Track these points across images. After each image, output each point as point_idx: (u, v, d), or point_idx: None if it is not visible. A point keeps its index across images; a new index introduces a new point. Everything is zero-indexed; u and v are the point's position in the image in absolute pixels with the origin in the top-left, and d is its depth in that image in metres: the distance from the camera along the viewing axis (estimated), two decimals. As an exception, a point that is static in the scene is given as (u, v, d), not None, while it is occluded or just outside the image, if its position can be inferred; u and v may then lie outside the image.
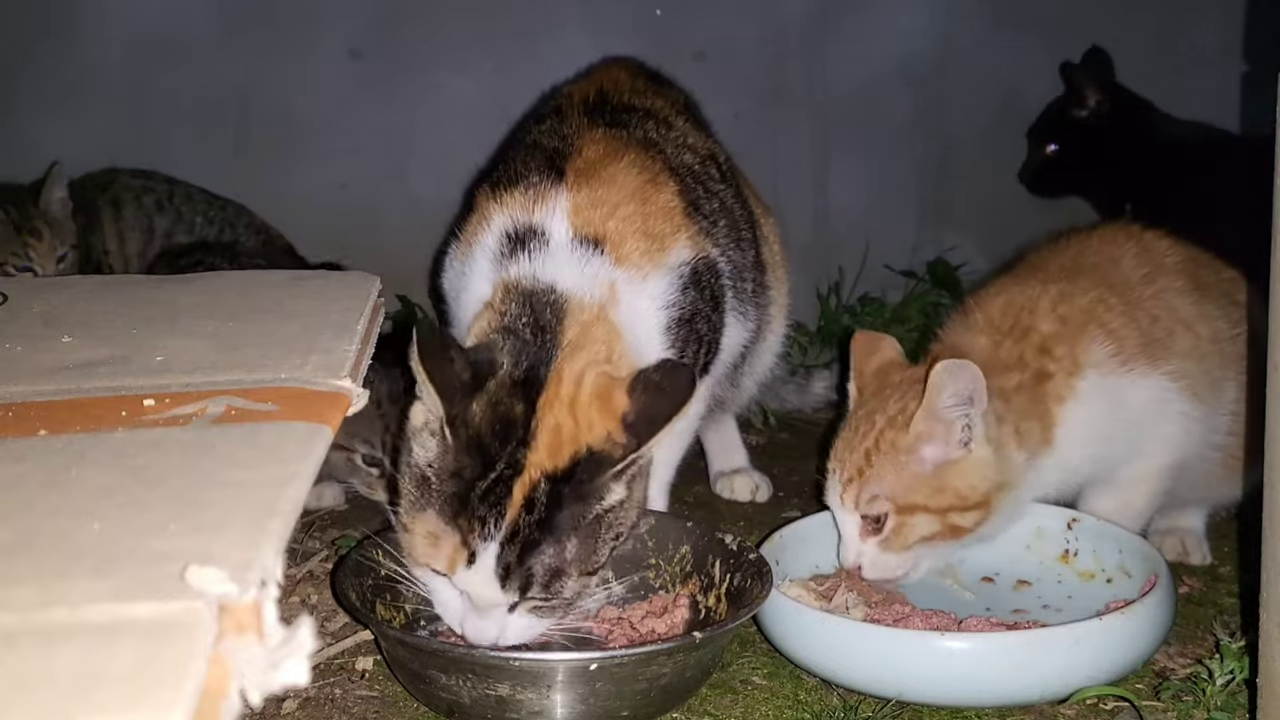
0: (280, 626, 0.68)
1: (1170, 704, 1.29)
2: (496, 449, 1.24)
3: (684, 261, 1.46)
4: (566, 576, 1.25)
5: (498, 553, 1.22)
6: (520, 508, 1.22)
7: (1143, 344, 1.51)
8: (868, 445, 1.46)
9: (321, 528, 1.76)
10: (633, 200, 1.44)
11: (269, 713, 1.29)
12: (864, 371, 1.56)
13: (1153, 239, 1.66)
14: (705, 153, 1.67)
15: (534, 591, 1.24)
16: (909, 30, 2.67)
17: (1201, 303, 1.59)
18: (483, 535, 1.22)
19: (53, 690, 0.61)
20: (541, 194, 1.43)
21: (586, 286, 1.36)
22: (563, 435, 1.25)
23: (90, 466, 0.94)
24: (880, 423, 1.46)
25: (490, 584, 1.24)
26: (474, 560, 1.23)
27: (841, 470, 1.48)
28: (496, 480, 1.23)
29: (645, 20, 2.62)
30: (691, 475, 1.89)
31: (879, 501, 1.44)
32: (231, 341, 1.27)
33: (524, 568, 1.23)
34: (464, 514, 1.23)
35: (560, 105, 1.67)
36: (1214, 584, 1.62)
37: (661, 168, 1.52)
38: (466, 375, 1.26)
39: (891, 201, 2.75)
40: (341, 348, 1.24)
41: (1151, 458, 1.54)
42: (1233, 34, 2.56)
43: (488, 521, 1.22)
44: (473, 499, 1.23)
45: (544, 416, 1.25)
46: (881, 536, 1.45)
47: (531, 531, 1.23)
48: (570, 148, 1.50)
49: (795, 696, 1.34)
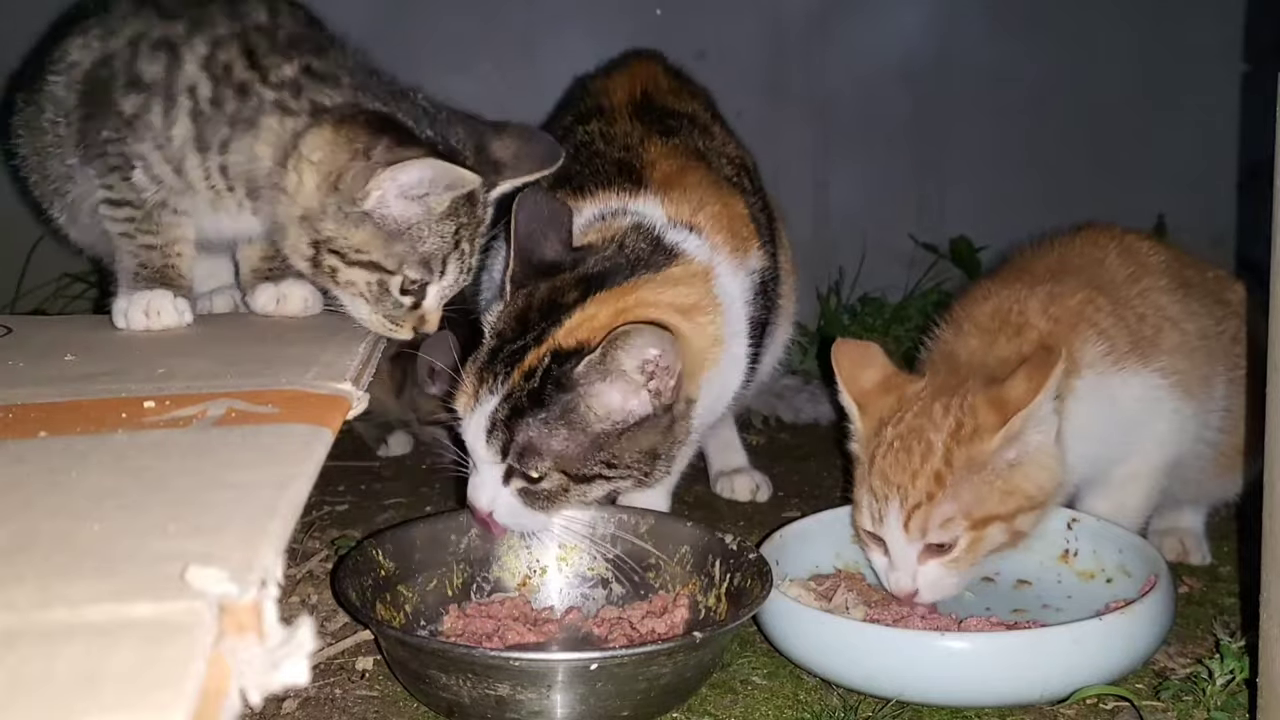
0: (280, 626, 0.68)
1: (1170, 704, 1.29)
2: (535, 320, 1.36)
3: (757, 269, 1.54)
4: (541, 459, 1.33)
5: (493, 408, 1.33)
6: (522, 373, 1.32)
7: (1133, 343, 1.51)
8: (935, 466, 1.37)
9: (321, 528, 1.76)
10: (717, 202, 1.51)
11: (269, 713, 1.29)
12: (859, 384, 1.49)
13: (1134, 240, 1.67)
14: (739, 162, 1.70)
15: (511, 458, 1.33)
16: (909, 30, 2.67)
17: (1187, 300, 1.59)
18: (490, 388, 1.34)
19: (53, 690, 0.61)
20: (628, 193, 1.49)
21: (694, 249, 1.44)
22: (586, 324, 1.33)
23: (91, 468, 0.94)
24: (941, 439, 1.38)
25: (479, 435, 1.35)
26: (475, 408, 1.35)
27: (903, 498, 1.38)
28: (522, 347, 1.34)
29: (645, 20, 2.62)
30: (691, 475, 1.89)
31: (953, 524, 1.38)
32: (234, 358, 1.31)
33: (507, 429, 1.33)
34: (488, 367, 1.36)
35: (602, 105, 1.69)
36: (1214, 584, 1.62)
37: (719, 178, 1.58)
38: (551, 255, 1.39)
39: (891, 201, 2.75)
40: (343, 361, 1.26)
41: (1145, 456, 1.54)
42: (1233, 34, 2.56)
43: (498, 377, 1.34)
44: (499, 356, 1.36)
45: (589, 307, 1.34)
46: (951, 556, 1.40)
47: (521, 399, 1.32)
48: (636, 160, 1.54)
49: (795, 696, 1.34)
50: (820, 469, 2.07)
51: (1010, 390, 1.38)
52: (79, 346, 1.36)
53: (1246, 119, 2.53)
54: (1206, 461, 1.60)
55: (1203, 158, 2.64)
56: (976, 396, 1.39)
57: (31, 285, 2.42)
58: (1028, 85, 2.69)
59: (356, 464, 2.03)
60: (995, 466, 1.38)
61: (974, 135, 2.74)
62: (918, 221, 2.74)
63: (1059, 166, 2.73)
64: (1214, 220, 2.57)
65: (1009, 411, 1.36)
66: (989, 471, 1.38)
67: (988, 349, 1.48)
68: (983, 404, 1.39)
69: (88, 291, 2.41)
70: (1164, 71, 2.65)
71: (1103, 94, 2.69)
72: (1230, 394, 1.58)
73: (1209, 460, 1.60)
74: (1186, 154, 2.66)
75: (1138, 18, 2.67)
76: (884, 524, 1.41)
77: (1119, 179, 2.68)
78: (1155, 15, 2.67)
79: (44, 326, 1.61)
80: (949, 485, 1.37)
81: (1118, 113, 2.69)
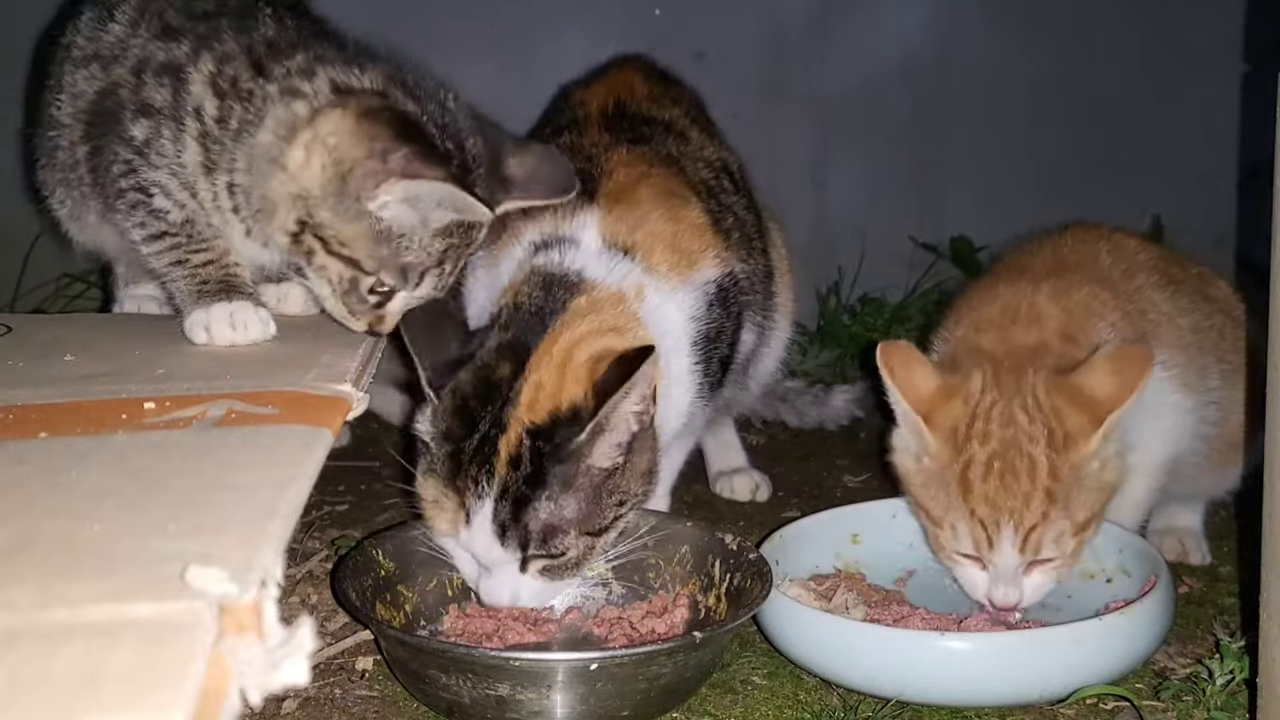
0: (280, 626, 0.68)
1: (1170, 704, 1.29)
2: (480, 409, 1.30)
3: (711, 280, 1.48)
4: (564, 534, 1.29)
5: (492, 510, 1.28)
6: (507, 464, 1.28)
7: (1138, 336, 1.51)
8: (1044, 484, 1.34)
9: (321, 528, 1.76)
10: (663, 218, 1.47)
11: (269, 713, 1.29)
12: (917, 391, 1.41)
13: (1121, 238, 1.67)
14: (719, 164, 1.68)
15: (534, 548, 1.29)
16: (909, 30, 2.67)
17: (1176, 296, 1.59)
18: (476, 494, 1.28)
19: (53, 690, 0.61)
20: (568, 213, 1.46)
21: (612, 278, 1.40)
22: (543, 392, 1.30)
23: (91, 468, 0.94)
24: (1041, 453, 1.34)
25: (490, 542, 1.29)
26: (470, 520, 1.29)
27: (1017, 522, 1.34)
28: (483, 439, 1.29)
29: (644, 20, 2.61)
30: (691, 475, 1.89)
31: (1065, 537, 1.36)
32: (234, 359, 1.31)
33: (520, 524, 1.28)
34: (459, 475, 1.29)
35: (578, 116, 1.68)
36: (1214, 584, 1.62)
37: (684, 185, 1.54)
38: (457, 347, 1.34)
39: (891, 201, 2.75)
40: (343, 363, 1.26)
41: (1148, 453, 1.54)
42: (1233, 34, 2.56)
43: (479, 480, 1.28)
44: (463, 459, 1.29)
45: (530, 375, 1.30)
46: (1056, 564, 1.38)
47: (520, 487, 1.27)
48: (597, 169, 1.52)
49: (795, 696, 1.34)
50: (820, 469, 2.07)
51: (1097, 388, 1.36)
52: (79, 346, 1.36)
53: (1246, 119, 2.53)
54: (1202, 456, 1.60)
55: (1203, 158, 2.63)
56: (1054, 396, 1.37)
57: (31, 285, 2.42)
58: (1028, 85, 2.69)
59: (356, 464, 2.03)
60: (1091, 469, 1.37)
61: (974, 135, 2.73)
62: (917, 221, 2.73)
63: (1059, 166, 2.73)
64: (1214, 220, 2.57)
65: (1102, 412, 1.34)
66: (1087, 475, 1.37)
67: (1007, 342, 1.48)
68: (1064, 404, 1.36)
69: (88, 291, 2.41)
70: (1164, 71, 2.65)
71: (1103, 94, 2.69)
72: (1222, 386, 1.58)
73: (1204, 455, 1.60)
74: (1186, 154, 2.65)
75: (1138, 18, 2.67)
76: (996, 549, 1.37)
77: (1119, 179, 2.67)
78: (1155, 15, 2.66)
79: (44, 325, 1.61)
80: (1060, 500, 1.35)
81: (1117, 113, 2.69)
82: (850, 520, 1.60)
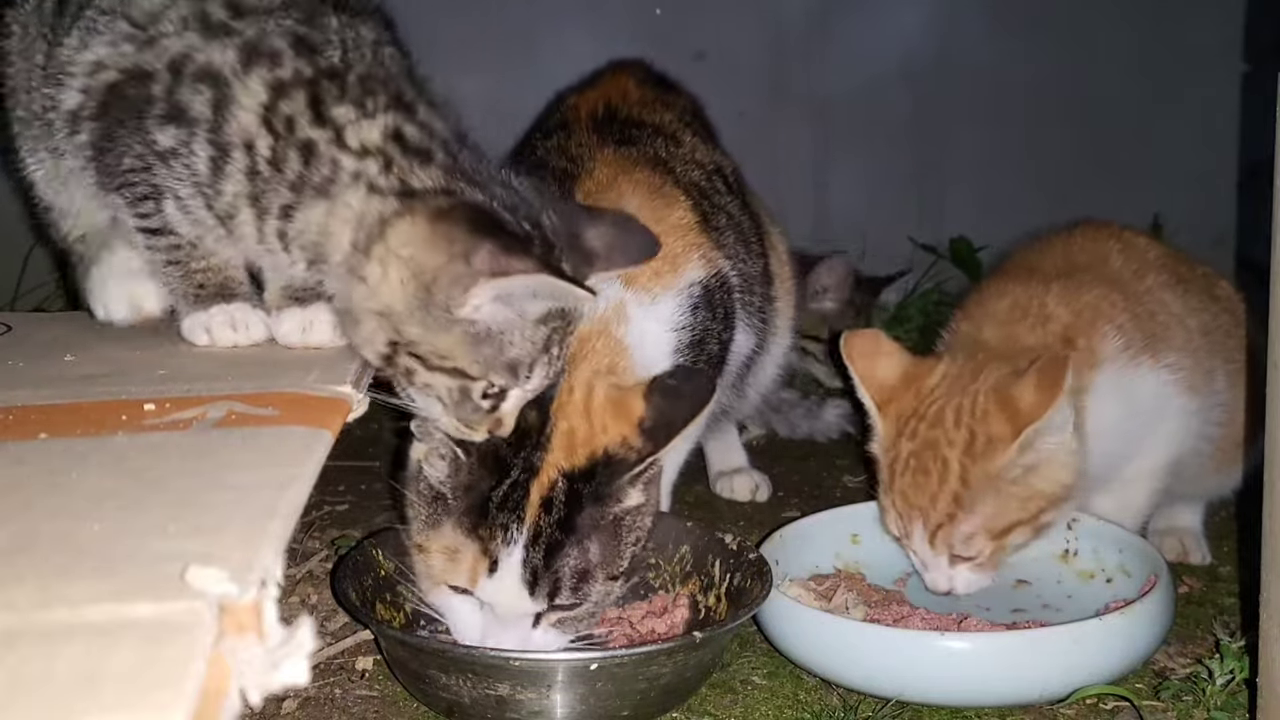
0: (280, 626, 0.68)
1: (1170, 704, 1.29)
2: (511, 456, 1.25)
3: (695, 281, 1.46)
4: (593, 580, 1.26)
5: (523, 557, 1.23)
6: (539, 509, 1.23)
7: (1146, 339, 1.51)
8: (953, 487, 1.38)
9: (321, 528, 1.76)
10: (643, 218, 1.42)
11: (269, 713, 1.29)
12: (877, 379, 1.47)
13: (1132, 236, 1.67)
14: (712, 167, 1.66)
15: (563, 596, 1.25)
16: (909, 30, 2.67)
17: (1186, 296, 1.60)
18: (505, 541, 1.23)
19: (53, 690, 0.61)
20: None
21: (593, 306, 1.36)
22: (577, 438, 1.26)
23: (91, 469, 0.94)
24: (956, 456, 1.38)
25: (518, 591, 1.24)
26: (496, 568, 1.23)
27: (924, 519, 1.41)
28: (514, 485, 1.24)
29: (645, 20, 2.62)
30: (691, 475, 1.89)
31: (976, 539, 1.39)
32: (234, 360, 1.30)
33: (551, 571, 1.24)
34: (483, 523, 1.24)
35: (567, 119, 1.66)
36: (1214, 584, 1.62)
37: (671, 185, 1.52)
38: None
39: (891, 202, 2.75)
40: (343, 364, 1.25)
41: (1153, 454, 1.54)
42: (1233, 34, 2.56)
43: (509, 527, 1.23)
44: (491, 507, 1.24)
45: (558, 422, 1.26)
46: (976, 563, 1.42)
47: (554, 533, 1.23)
48: (580, 169, 1.50)
49: (795, 696, 1.34)
50: (820, 469, 2.07)
51: (1021, 399, 1.37)
52: (79, 346, 1.36)
53: (1246, 119, 2.53)
54: (1205, 457, 1.60)
55: (1203, 158, 2.64)
56: (989, 400, 1.38)
57: (31, 285, 2.42)
58: (1028, 85, 2.69)
59: (356, 464, 2.03)
60: (1011, 476, 1.38)
61: (974, 135, 2.74)
62: (917, 222, 2.74)
63: (1059, 166, 2.73)
64: (1214, 220, 2.57)
65: (1020, 423, 1.36)
66: (1005, 482, 1.38)
67: (1011, 341, 1.48)
68: (994, 411, 1.38)
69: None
70: (1164, 72, 2.65)
71: (1103, 94, 2.70)
72: (1227, 388, 1.58)
73: (1207, 456, 1.60)
74: (1186, 154, 2.66)
75: (1138, 18, 2.67)
76: (910, 539, 1.44)
77: (1119, 179, 2.68)
78: (1155, 15, 2.67)
79: (44, 325, 1.61)
80: (967, 505, 1.37)
81: (1117, 113, 2.69)
82: (850, 520, 1.60)
